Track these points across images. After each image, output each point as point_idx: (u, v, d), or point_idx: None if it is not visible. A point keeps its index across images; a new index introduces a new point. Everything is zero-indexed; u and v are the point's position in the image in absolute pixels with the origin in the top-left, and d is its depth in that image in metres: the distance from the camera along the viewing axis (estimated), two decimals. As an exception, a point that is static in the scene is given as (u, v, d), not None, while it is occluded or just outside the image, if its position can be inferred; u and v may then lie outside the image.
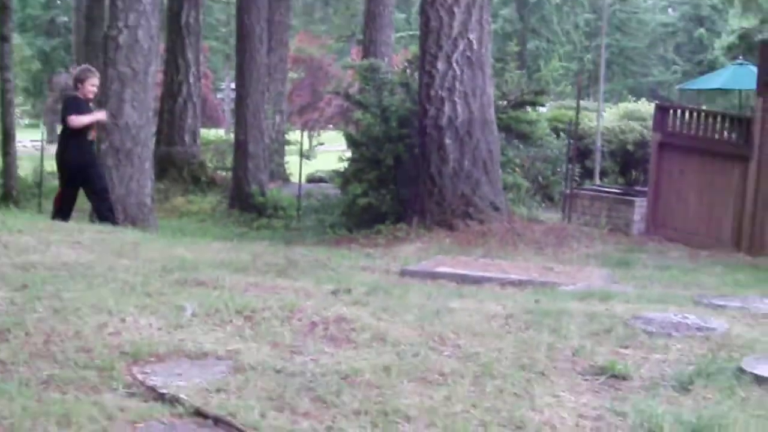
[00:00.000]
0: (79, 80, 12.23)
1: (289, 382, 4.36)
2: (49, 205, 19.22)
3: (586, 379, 4.80)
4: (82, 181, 12.28)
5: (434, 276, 8.73)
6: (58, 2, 64.21)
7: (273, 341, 5.14)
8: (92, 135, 12.27)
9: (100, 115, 12.33)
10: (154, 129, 20.88)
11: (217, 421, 3.79)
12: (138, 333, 5.10)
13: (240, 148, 23.83)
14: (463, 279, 8.43)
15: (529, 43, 71.45)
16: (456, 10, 14.41)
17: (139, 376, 4.36)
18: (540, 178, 21.52)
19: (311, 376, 4.48)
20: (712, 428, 3.99)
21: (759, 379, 4.73)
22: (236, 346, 4.96)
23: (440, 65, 14.45)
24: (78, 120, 11.80)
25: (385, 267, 9.67)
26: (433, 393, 4.35)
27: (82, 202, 12.80)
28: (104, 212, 12.24)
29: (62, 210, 12.41)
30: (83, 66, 13.08)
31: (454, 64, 14.39)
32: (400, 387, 4.41)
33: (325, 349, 5.04)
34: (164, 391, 4.12)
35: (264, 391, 4.22)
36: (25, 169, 22.91)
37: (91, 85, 12.12)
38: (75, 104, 11.99)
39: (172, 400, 4.00)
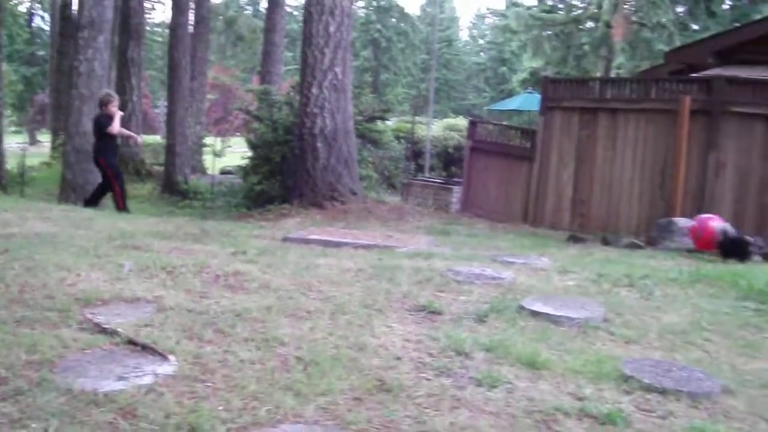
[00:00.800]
0: (104, 103, 12.04)
1: (197, 319, 4.35)
2: (29, 191, 18.80)
3: (412, 314, 4.86)
4: (113, 174, 12.04)
5: (307, 241, 8.70)
6: (38, 40, 62.48)
7: (187, 289, 5.11)
8: (130, 141, 12.05)
9: (119, 115, 12.06)
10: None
11: (144, 347, 3.78)
12: (89, 284, 5.03)
13: (170, 149, 23.46)
14: (327, 243, 8.42)
15: (381, 75, 71.71)
16: (326, 50, 14.36)
17: (89, 316, 4.31)
18: (386, 172, 21.60)
19: (214, 313, 4.48)
20: (500, 347, 4.11)
21: (534, 314, 4.88)
22: (160, 292, 4.92)
23: (314, 90, 14.39)
24: (112, 128, 11.73)
25: (272, 235, 9.59)
26: (302, 325, 4.39)
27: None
28: (97, 197, 12.17)
29: (120, 197, 12.08)
30: (106, 91, 12.72)
31: (324, 90, 14.33)
32: (278, 321, 4.44)
33: (225, 295, 5.03)
34: (106, 326, 4.08)
35: (179, 325, 4.20)
36: (10, 164, 22.14)
37: (113, 106, 11.92)
38: (106, 119, 11.80)
39: (112, 333, 3.97)
